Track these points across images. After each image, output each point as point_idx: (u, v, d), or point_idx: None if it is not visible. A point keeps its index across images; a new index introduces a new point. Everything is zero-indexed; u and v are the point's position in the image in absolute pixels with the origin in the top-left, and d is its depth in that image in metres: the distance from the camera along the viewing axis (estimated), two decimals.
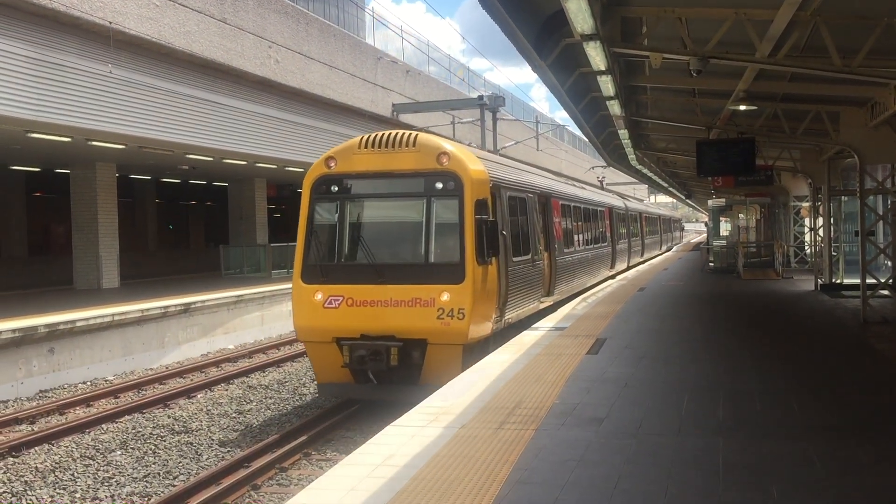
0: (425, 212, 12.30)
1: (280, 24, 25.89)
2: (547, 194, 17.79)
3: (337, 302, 12.26)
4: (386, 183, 12.62)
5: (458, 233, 12.04)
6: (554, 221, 18.06)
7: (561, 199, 19.43)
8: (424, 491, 5.81)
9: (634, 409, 8.17)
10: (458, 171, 12.18)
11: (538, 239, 16.14)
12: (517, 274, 14.08)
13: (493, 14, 9.58)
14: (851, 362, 10.88)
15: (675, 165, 33.17)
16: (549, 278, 17.39)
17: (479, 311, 11.96)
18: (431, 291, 11.86)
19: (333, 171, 12.75)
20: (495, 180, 13.23)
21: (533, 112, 56.13)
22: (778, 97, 15.78)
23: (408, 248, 12.64)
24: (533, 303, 15.52)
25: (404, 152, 12.40)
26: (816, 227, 24.62)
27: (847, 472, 6.11)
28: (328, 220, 12.87)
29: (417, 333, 11.86)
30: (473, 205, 12.06)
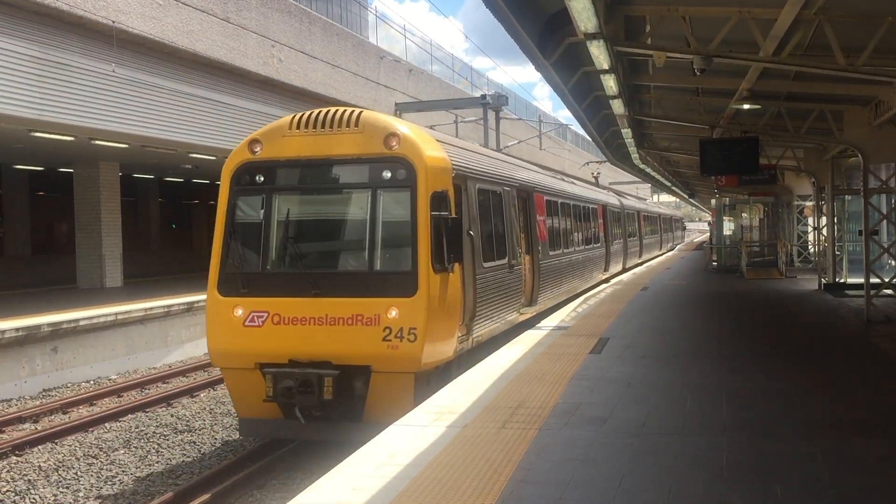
0: (370, 207, 10.19)
1: (283, 24, 25.90)
2: (528, 188, 15.84)
3: (260, 319, 10.11)
4: (322, 171, 10.56)
5: (410, 233, 9.94)
6: (537, 220, 16.06)
7: (546, 195, 17.42)
8: (428, 490, 5.81)
9: (637, 408, 8.16)
10: (410, 157, 10.06)
11: (517, 240, 14.15)
12: (489, 282, 12.02)
13: (496, 13, 9.57)
14: (855, 362, 10.86)
15: (679, 164, 33.15)
16: (532, 285, 15.48)
17: (436, 331, 9.86)
18: (376, 306, 9.75)
19: (259, 158, 10.58)
20: (460, 169, 11.21)
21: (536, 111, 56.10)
22: (782, 96, 15.75)
23: (348, 252, 10.63)
24: (511, 314, 13.53)
25: (345, 134, 10.28)
26: (820, 227, 24.57)
27: (850, 472, 6.10)
28: (251, 218, 10.68)
29: (359, 359, 9.80)
30: (429, 198, 9.99)
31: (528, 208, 15.59)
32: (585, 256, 21.99)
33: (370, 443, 7.09)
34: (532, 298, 15.45)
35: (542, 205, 16.75)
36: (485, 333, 11.92)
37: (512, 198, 14.14)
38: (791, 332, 13.82)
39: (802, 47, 11.34)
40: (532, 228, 15.66)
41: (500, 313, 12.73)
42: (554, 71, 12.61)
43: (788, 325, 14.76)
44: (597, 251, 24.34)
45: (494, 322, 12.43)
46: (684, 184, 44.08)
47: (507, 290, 13.20)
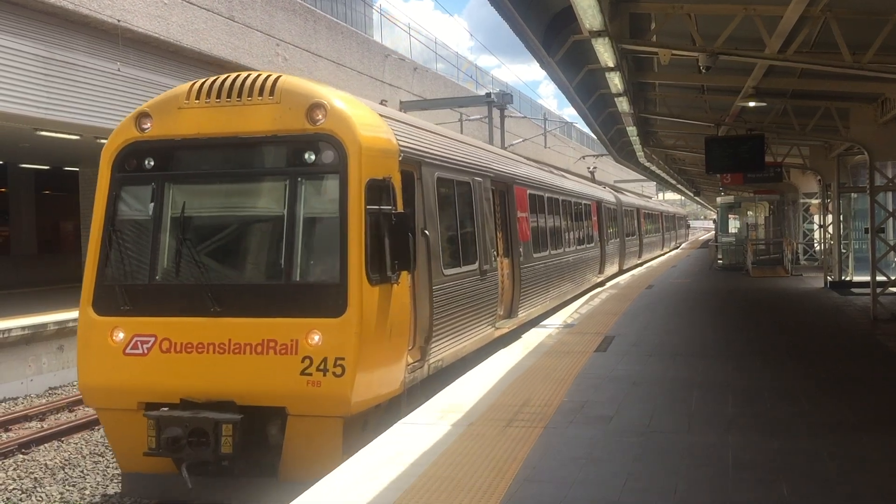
0: (288, 200, 8.05)
1: (288, 22, 25.91)
2: (507, 180, 13.78)
3: (146, 345, 7.97)
4: (227, 153, 8.34)
5: (339, 233, 7.83)
6: (518, 217, 14.08)
7: (530, 188, 15.43)
8: (433, 488, 5.80)
9: (643, 406, 8.15)
10: (340, 134, 7.93)
11: (492, 240, 12.21)
12: (452, 293, 10.08)
13: (501, 11, 9.57)
14: (861, 360, 10.83)
15: (684, 162, 33.08)
16: (511, 293, 13.56)
17: (373, 360, 7.80)
18: (293, 330, 7.64)
19: (148, 136, 8.41)
20: (413, 152, 9.26)
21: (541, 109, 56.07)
22: (787, 93, 15.70)
23: (258, 259, 8.43)
24: (484, 329, 11.61)
25: (258, 105, 8.15)
26: (826, 225, 24.51)
27: (857, 470, 6.08)
28: (137, 214, 8.54)
29: (270, 398, 7.65)
30: (365, 188, 7.88)
31: (506, 203, 13.70)
32: (577, 258, 20.13)
33: (375, 441, 7.10)
34: (512, 309, 13.53)
35: (524, 199, 14.80)
36: (448, 356, 9.97)
37: (485, 190, 12.19)
38: (797, 330, 13.79)
39: (808, 44, 11.31)
40: (512, 227, 13.71)
41: (468, 330, 10.77)
42: (559, 69, 12.60)
43: (794, 323, 14.72)
44: (590, 252, 22.46)
45: (461, 341, 10.48)
46: (689, 182, 44.01)
47: (478, 301, 11.24)
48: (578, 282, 20.31)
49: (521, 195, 14.49)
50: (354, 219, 7.80)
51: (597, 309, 16.91)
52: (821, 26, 10.39)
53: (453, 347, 10.18)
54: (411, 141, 9.43)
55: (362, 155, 7.97)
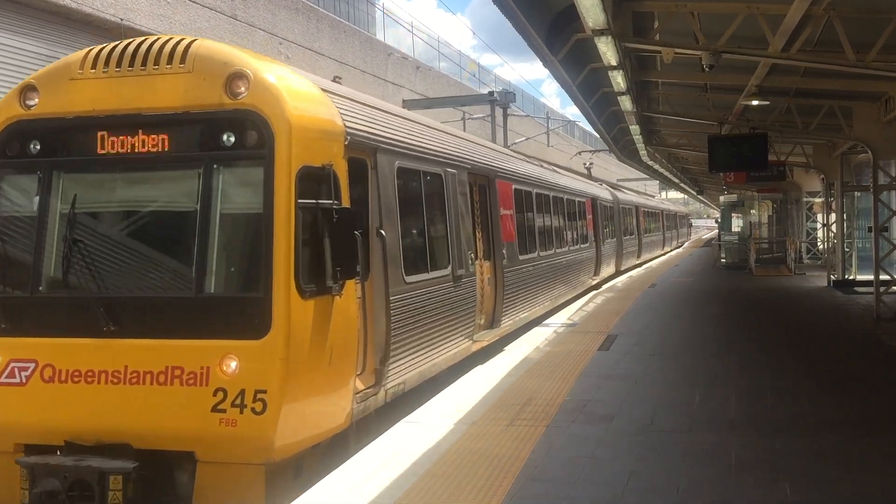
0: (201, 193, 6.64)
1: (290, 21, 25.93)
2: (489, 173, 12.38)
3: (24, 373, 6.56)
4: (128, 135, 6.76)
5: (262, 234, 6.43)
6: (502, 214, 12.75)
7: (515, 183, 14.09)
8: (436, 487, 5.81)
9: (645, 405, 8.14)
10: (265, 111, 6.51)
11: (469, 241, 10.88)
12: (416, 303, 8.70)
13: (504, 9, 9.56)
14: (864, 359, 10.81)
15: (687, 161, 33.06)
16: (493, 301, 12.21)
17: (304, 391, 6.44)
18: (205, 354, 6.28)
19: (34, 114, 6.98)
20: (366, 136, 7.81)
21: (544, 108, 56.05)
22: (791, 92, 15.68)
23: (163, 266, 6.87)
24: (459, 343, 10.22)
25: (166, 75, 6.69)
26: (829, 223, 24.48)
27: (860, 469, 6.07)
28: (18, 210, 7.13)
29: (174, 441, 6.24)
30: (296, 177, 6.47)
31: (488, 199, 12.35)
32: (570, 260, 18.74)
33: (377, 440, 7.10)
34: (494, 318, 12.20)
35: (508, 195, 13.39)
36: (412, 378, 8.60)
37: (461, 184, 10.80)
38: (800, 329, 13.77)
39: (812, 43, 11.29)
40: (494, 226, 12.36)
41: (438, 345, 9.43)
42: (562, 67, 12.59)
43: (797, 322, 14.71)
44: (584, 253, 21.01)
45: (429, 358, 9.13)
46: (692, 180, 43.98)
47: (451, 311, 9.91)
48: (571, 285, 19.05)
49: (504, 190, 13.18)
50: (282, 215, 6.34)
51: (599, 308, 16.91)
52: (824, 25, 10.38)
53: (419, 367, 8.72)
54: (363, 122, 7.95)
55: (293, 136, 6.50)
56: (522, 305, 13.79)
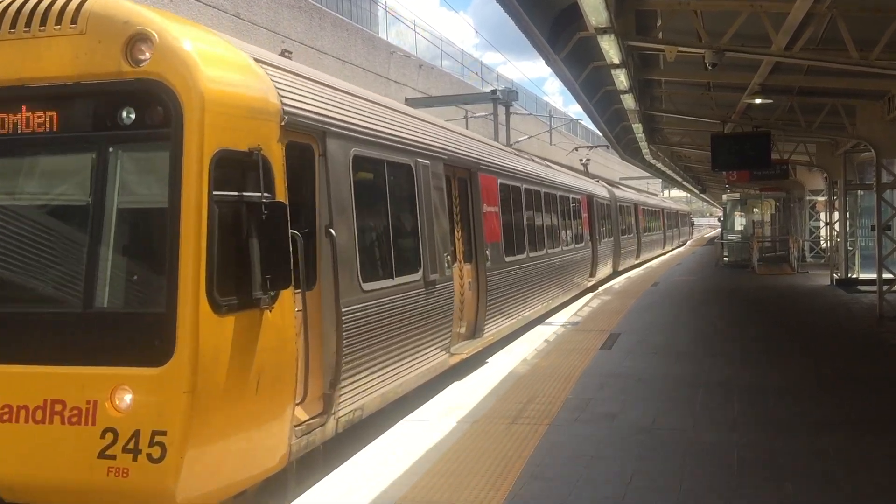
0: (94, 182, 5.49)
1: (293, 19, 25.94)
2: (470, 165, 11.33)
3: None
4: (9, 113, 5.59)
5: (166, 234, 5.28)
6: (485, 211, 11.73)
7: (501, 177, 13.02)
8: (438, 485, 5.81)
9: (648, 404, 8.14)
10: (172, 80, 5.32)
11: (445, 242, 9.81)
12: (375, 314, 7.58)
13: (506, 8, 9.55)
14: (867, 358, 10.80)
15: (690, 160, 33.02)
16: (475, 307, 11.21)
17: (220, 430, 5.29)
18: (91, 385, 5.12)
19: None
20: (310, 117, 6.68)
21: (546, 106, 56.03)
22: (794, 90, 15.65)
23: (43, 274, 5.61)
24: (433, 357, 9.15)
25: (55, 38, 5.50)
26: (832, 222, 24.45)
27: (863, 468, 6.07)
28: None
29: (53, 492, 5.16)
30: (211, 163, 5.32)
31: (469, 195, 11.36)
32: (563, 260, 17.58)
33: (380, 438, 7.11)
34: (476, 327, 11.19)
35: (493, 190, 12.34)
36: (371, 401, 7.49)
37: (435, 176, 9.72)
38: (802, 327, 13.76)
39: (815, 41, 11.27)
40: (476, 224, 11.38)
41: (405, 361, 8.31)
42: (564, 66, 12.57)
43: (800, 320, 14.69)
44: (579, 253, 19.82)
45: (394, 377, 8.00)
46: (695, 179, 43.93)
47: (423, 321, 8.83)
48: (565, 288, 17.98)
49: (489, 185, 12.08)
50: (191, 210, 5.16)
51: (602, 306, 16.91)
52: (827, 23, 10.36)
53: (380, 388, 7.66)
54: (308, 100, 6.78)
55: (208, 112, 5.29)
56: (509, 312, 12.66)
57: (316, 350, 6.60)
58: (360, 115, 7.95)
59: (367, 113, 8.21)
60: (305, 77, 7.24)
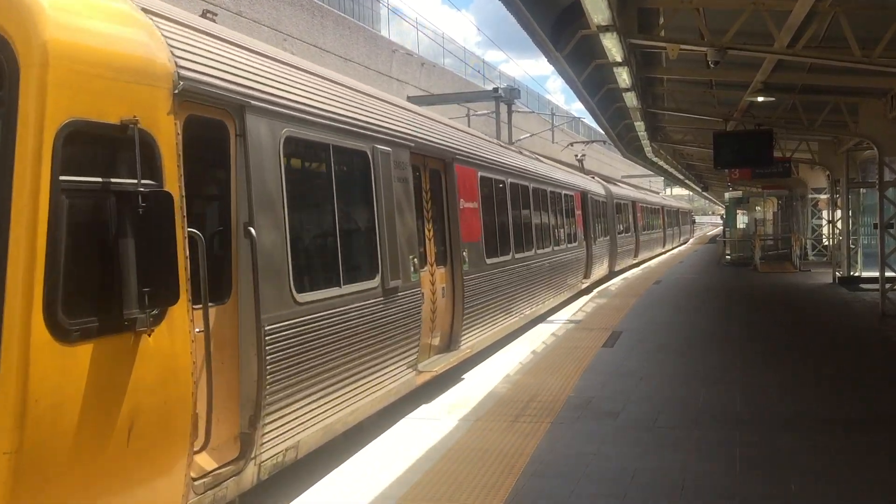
0: None
1: (295, 17, 25.94)
2: (444, 155, 10.14)
3: None
4: None
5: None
6: (462, 208, 10.58)
7: (482, 169, 11.83)
8: (440, 483, 5.82)
9: (650, 402, 8.14)
10: (6, 29, 4.12)
11: (410, 243, 8.59)
12: (312, 331, 6.39)
13: (508, 6, 9.55)
14: (870, 356, 10.80)
15: (692, 158, 33.00)
16: (450, 316, 10.15)
17: (64, 497, 3.99)
18: None
19: None
20: (219, 85, 5.48)
21: (548, 104, 56.01)
22: (796, 88, 15.65)
23: None
24: (395, 377, 7.93)
25: None
26: (834, 220, 24.42)
27: (865, 466, 6.07)
28: None
29: None
30: (56, 139, 4.09)
31: (444, 189, 10.27)
32: (554, 261, 16.51)
33: (382, 436, 7.11)
34: (452, 338, 10.12)
35: (471, 184, 11.16)
36: (311, 436, 6.34)
37: (399, 166, 8.48)
38: (805, 326, 13.75)
39: (817, 39, 11.26)
40: (451, 222, 10.28)
41: (357, 385, 7.04)
42: (566, 64, 12.56)
43: (802, 319, 14.68)
44: (572, 253, 18.73)
45: (340, 406, 6.78)
46: (697, 177, 43.91)
47: (382, 336, 7.57)
48: (557, 290, 16.82)
49: (467, 178, 10.90)
50: (24, 201, 3.98)
51: (604, 304, 16.90)
52: (830, 21, 10.35)
53: (323, 419, 6.45)
54: (219, 65, 5.53)
55: (52, 68, 4.08)
56: (491, 320, 11.53)
57: (228, 379, 5.31)
58: (296, 88, 6.59)
59: (307, 87, 6.83)
60: (218, 37, 5.88)
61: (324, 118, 6.94)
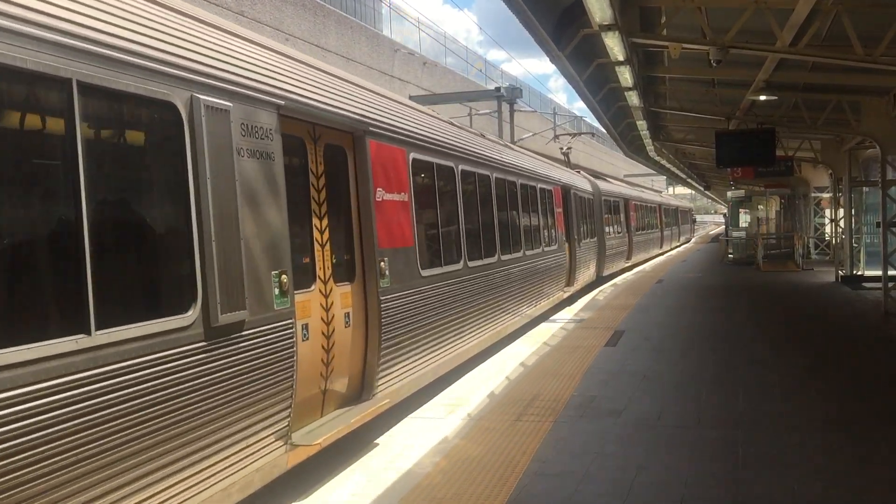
0: None
1: (297, 17, 25.95)
2: (351, 126, 7.39)
3: None
4: None
5: None
6: (379, 201, 7.77)
7: (415, 150, 8.98)
8: (443, 482, 5.82)
9: (653, 401, 8.14)
10: None
11: (271, 250, 5.86)
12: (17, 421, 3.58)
13: (510, 5, 9.55)
14: (873, 355, 10.79)
15: (694, 156, 32.99)
16: (361, 353, 7.40)
17: None
18: None
19: None
20: None
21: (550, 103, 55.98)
22: (799, 87, 15.64)
23: None
24: (245, 462, 5.37)
25: None
26: (837, 219, 24.40)
27: (868, 465, 6.06)
28: None
29: None
30: None
31: (353, 174, 7.51)
32: (526, 269, 14.08)
33: (385, 435, 7.12)
34: (364, 383, 7.42)
35: (398, 169, 8.36)
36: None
37: (249, 132, 5.71)
38: (808, 324, 13.74)
39: (820, 38, 11.25)
40: (364, 221, 7.52)
41: (155, 487, 4.49)
42: (568, 63, 12.56)
43: (805, 317, 14.67)
44: (550, 258, 16.32)
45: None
46: (700, 176, 43.89)
47: (200, 407, 4.91)
48: (530, 303, 14.31)
49: (389, 160, 8.15)
50: None
51: (607, 303, 16.90)
52: (832, 19, 10.34)
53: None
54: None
55: None
56: (429, 350, 8.85)
57: None
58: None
59: None
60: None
61: (42, 28, 3.95)
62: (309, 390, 6.47)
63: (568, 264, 18.43)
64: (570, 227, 19.11)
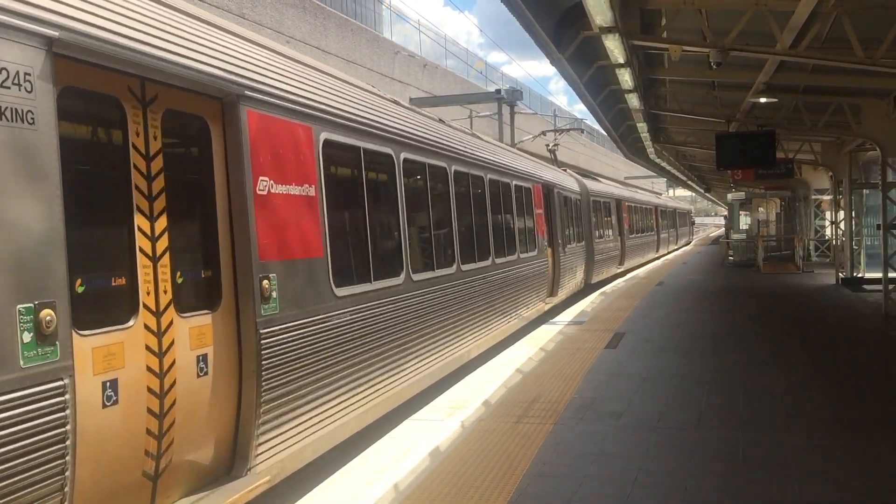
0: None
1: (298, 19, 25.97)
2: (218, 90, 5.35)
3: None
4: None
5: None
6: (266, 194, 5.76)
7: (328, 128, 6.88)
8: (444, 484, 5.82)
9: (653, 403, 8.14)
10: None
11: (39, 272, 3.84)
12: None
13: (511, 7, 9.56)
14: (873, 357, 10.79)
15: (694, 159, 33.01)
16: (233, 408, 5.41)
17: None
18: None
19: None
20: None
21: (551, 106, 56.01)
22: (799, 89, 15.64)
23: None
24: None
25: None
26: (837, 221, 24.40)
27: (869, 467, 6.06)
28: None
29: None
30: None
31: (226, 158, 5.55)
32: (496, 280, 12.32)
33: (385, 437, 7.12)
34: (237, 451, 5.49)
35: (298, 152, 6.34)
36: None
37: (2, 82, 3.70)
38: (808, 326, 13.74)
39: (820, 40, 11.26)
40: (237, 223, 5.55)
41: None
42: (569, 65, 12.57)
43: (805, 319, 14.67)
44: (528, 266, 14.60)
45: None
46: (700, 178, 43.89)
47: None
48: (502, 319, 12.58)
49: (283, 139, 6.14)
50: None
51: (607, 305, 16.90)
52: (833, 21, 10.35)
53: None
54: None
55: None
56: (343, 398, 6.80)
57: None
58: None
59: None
60: None
61: None
62: (113, 479, 4.39)
63: (551, 272, 16.78)
64: (554, 231, 17.36)
